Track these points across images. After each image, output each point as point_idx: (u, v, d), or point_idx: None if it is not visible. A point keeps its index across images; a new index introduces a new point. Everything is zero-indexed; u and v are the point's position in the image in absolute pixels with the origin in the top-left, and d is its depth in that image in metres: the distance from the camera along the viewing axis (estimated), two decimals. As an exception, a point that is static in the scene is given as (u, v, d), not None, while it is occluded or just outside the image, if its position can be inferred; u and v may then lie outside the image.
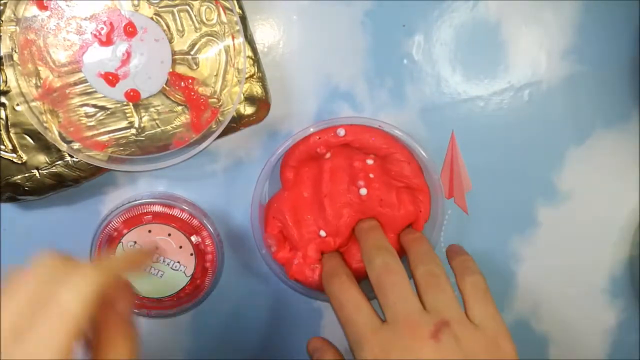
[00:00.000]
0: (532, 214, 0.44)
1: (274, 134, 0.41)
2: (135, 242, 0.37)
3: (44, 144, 0.36)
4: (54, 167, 0.36)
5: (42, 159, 0.36)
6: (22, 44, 0.33)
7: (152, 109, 0.35)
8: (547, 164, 0.43)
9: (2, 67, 0.34)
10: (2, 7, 0.33)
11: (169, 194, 0.41)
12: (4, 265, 0.28)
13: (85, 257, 0.27)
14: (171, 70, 0.35)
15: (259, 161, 0.40)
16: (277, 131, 0.41)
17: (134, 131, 0.36)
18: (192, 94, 0.35)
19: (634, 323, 0.45)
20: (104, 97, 0.35)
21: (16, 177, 0.36)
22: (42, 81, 0.34)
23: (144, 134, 0.36)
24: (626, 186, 0.44)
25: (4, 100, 0.35)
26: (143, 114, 0.35)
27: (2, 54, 0.33)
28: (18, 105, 0.35)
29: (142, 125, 0.36)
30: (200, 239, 0.38)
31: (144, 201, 0.37)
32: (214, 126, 0.36)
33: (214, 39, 0.35)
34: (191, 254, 0.38)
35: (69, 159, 0.36)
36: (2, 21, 0.33)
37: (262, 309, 0.43)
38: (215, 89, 0.36)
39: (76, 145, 0.35)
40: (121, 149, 0.36)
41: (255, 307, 0.43)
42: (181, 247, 0.38)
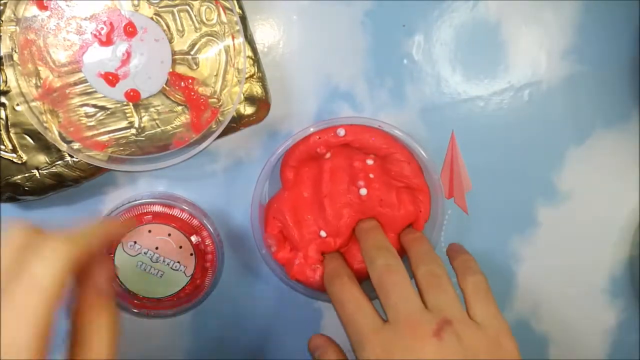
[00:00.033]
0: (532, 214, 0.44)
1: (274, 134, 0.41)
2: (135, 242, 0.37)
3: (44, 144, 0.36)
4: (54, 167, 0.36)
5: (42, 159, 0.36)
6: (22, 44, 0.33)
7: (152, 109, 0.35)
8: (547, 164, 0.43)
9: (2, 67, 0.34)
10: (2, 7, 0.33)
11: (169, 194, 0.41)
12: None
13: (57, 229, 0.27)
14: (171, 70, 0.35)
15: (259, 161, 0.40)
16: (277, 131, 0.41)
17: (134, 131, 0.35)
18: (192, 94, 0.35)
19: (634, 323, 0.45)
20: (104, 97, 0.35)
21: (16, 177, 0.36)
22: (42, 81, 0.34)
23: (144, 134, 0.36)
24: (626, 186, 0.44)
25: (4, 100, 0.35)
26: (143, 114, 0.35)
27: (2, 54, 0.33)
28: (18, 105, 0.35)
29: (142, 125, 0.36)
30: (200, 239, 0.38)
31: (144, 201, 0.37)
32: (214, 126, 0.36)
33: (214, 39, 0.35)
34: (191, 254, 0.38)
35: (69, 159, 0.36)
36: (2, 21, 0.33)
37: (262, 309, 0.43)
38: (215, 89, 0.36)
39: (76, 145, 0.35)
40: (121, 149, 0.36)
41: (255, 307, 0.43)
42: (181, 247, 0.38)
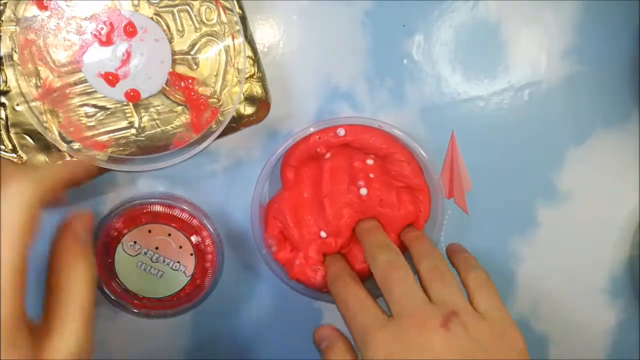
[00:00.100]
0: (532, 214, 0.44)
1: (274, 134, 0.41)
2: (135, 242, 0.37)
3: (44, 144, 0.35)
4: (54, 167, 0.36)
5: (42, 159, 0.36)
6: (22, 44, 0.33)
7: (152, 109, 0.35)
8: (547, 164, 0.43)
9: (2, 67, 0.34)
10: (2, 7, 0.33)
11: (169, 194, 0.41)
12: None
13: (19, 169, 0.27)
14: (171, 70, 0.35)
15: (259, 161, 0.40)
16: (277, 131, 0.41)
17: (134, 131, 0.35)
18: (192, 94, 0.35)
19: (634, 323, 0.45)
20: (104, 97, 0.35)
21: (16, 177, 0.36)
22: (42, 81, 0.34)
23: (144, 134, 0.36)
24: (626, 186, 0.44)
25: (4, 100, 0.35)
26: (143, 114, 0.35)
27: (2, 54, 0.33)
28: (18, 105, 0.35)
29: (142, 125, 0.36)
30: (200, 239, 0.38)
31: (144, 201, 0.37)
32: (214, 126, 0.36)
33: (214, 39, 0.35)
34: (191, 254, 0.38)
35: (69, 159, 0.36)
36: (2, 21, 0.33)
37: (262, 309, 0.43)
38: (215, 89, 0.36)
39: (76, 145, 0.35)
40: (121, 149, 0.36)
41: (256, 307, 0.43)
42: (181, 247, 0.38)
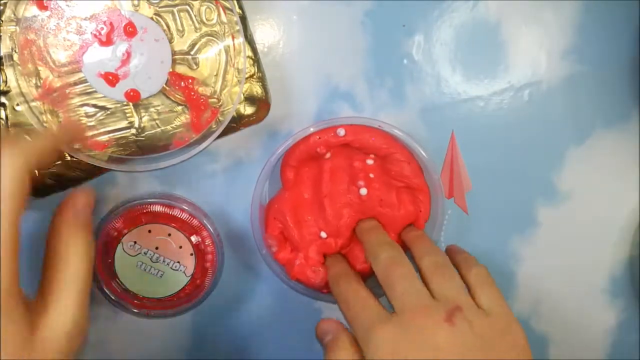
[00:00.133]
0: (532, 214, 0.44)
1: (274, 134, 0.41)
2: (135, 242, 0.37)
3: (44, 144, 0.35)
4: (54, 167, 0.36)
5: (42, 159, 0.36)
6: (22, 44, 0.33)
7: (152, 109, 0.35)
8: (547, 164, 0.43)
9: (2, 67, 0.34)
10: (2, 7, 0.33)
11: (169, 194, 0.41)
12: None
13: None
14: (171, 70, 0.35)
15: (259, 161, 0.40)
16: (277, 131, 0.41)
17: (134, 131, 0.35)
18: (192, 94, 0.35)
19: (634, 323, 0.45)
20: (104, 97, 0.35)
21: (16, 177, 0.36)
22: (42, 81, 0.34)
23: (144, 134, 0.36)
24: (626, 186, 0.44)
25: (4, 100, 0.35)
26: (143, 114, 0.35)
27: (2, 54, 0.33)
28: (18, 105, 0.35)
29: (142, 125, 0.36)
30: (200, 239, 0.38)
31: (144, 201, 0.37)
32: (214, 126, 0.36)
33: (214, 39, 0.35)
34: (191, 254, 0.38)
35: (69, 158, 0.36)
36: (2, 21, 0.33)
37: (262, 309, 0.43)
38: (215, 89, 0.36)
39: (76, 145, 0.35)
40: (121, 149, 0.36)
41: (256, 307, 0.43)
42: (181, 247, 0.38)
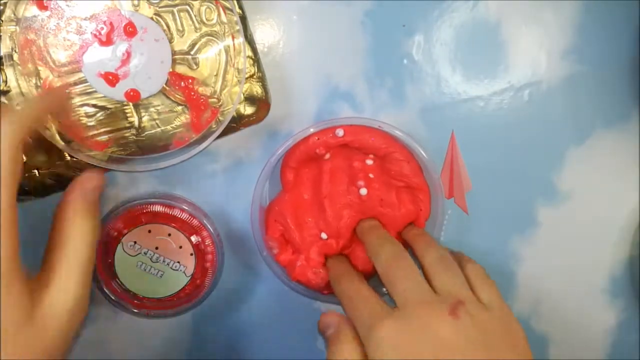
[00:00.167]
0: (532, 214, 0.44)
1: (274, 134, 0.41)
2: (135, 242, 0.37)
3: (44, 144, 0.35)
4: (54, 167, 0.36)
5: (42, 159, 0.36)
6: (22, 44, 0.33)
7: (152, 109, 0.35)
8: (547, 164, 0.43)
9: (2, 67, 0.34)
10: (2, 7, 0.33)
11: (169, 194, 0.41)
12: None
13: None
14: (171, 70, 0.35)
15: (259, 161, 0.40)
16: (277, 131, 0.41)
17: (134, 131, 0.35)
18: (192, 93, 0.35)
19: (634, 323, 0.45)
20: (104, 97, 0.35)
21: (16, 177, 0.36)
22: (42, 81, 0.34)
23: (144, 134, 0.36)
24: (626, 186, 0.44)
25: (4, 100, 0.35)
26: (143, 114, 0.35)
27: (2, 54, 0.33)
28: (18, 105, 0.35)
29: (142, 125, 0.36)
30: (200, 239, 0.38)
31: (144, 201, 0.37)
32: (214, 126, 0.36)
33: (214, 39, 0.35)
34: (191, 254, 0.38)
35: (69, 158, 0.36)
36: (2, 21, 0.33)
37: (262, 309, 0.43)
38: (215, 89, 0.36)
39: (76, 145, 0.35)
40: (121, 149, 0.36)
41: (255, 307, 0.43)
42: (181, 247, 0.38)
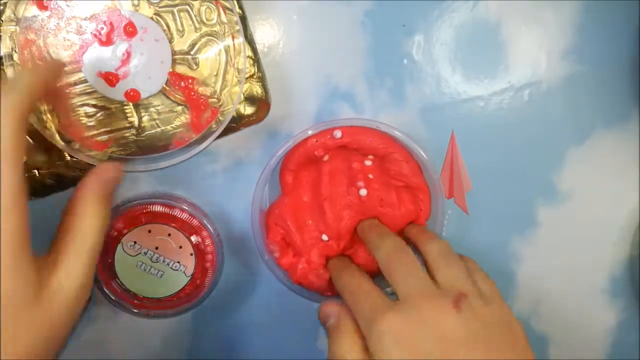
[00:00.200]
0: (532, 214, 0.43)
1: (274, 134, 0.41)
2: (135, 242, 0.37)
3: (44, 144, 0.36)
4: (54, 167, 0.36)
5: (42, 159, 0.36)
6: (22, 44, 0.33)
7: (152, 109, 0.35)
8: (547, 164, 0.43)
9: (2, 67, 0.34)
10: (2, 7, 0.33)
11: (169, 194, 0.41)
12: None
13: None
14: (171, 70, 0.35)
15: (259, 161, 0.40)
16: (277, 131, 0.41)
17: (134, 131, 0.36)
18: (192, 93, 0.35)
19: (634, 323, 0.45)
20: (104, 97, 0.35)
21: (16, 177, 0.36)
22: (42, 81, 0.34)
23: (144, 134, 0.36)
24: (626, 186, 0.44)
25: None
26: (143, 114, 0.35)
27: (2, 54, 0.33)
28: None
29: (142, 125, 0.36)
30: (200, 239, 0.38)
31: (144, 201, 0.37)
32: (214, 126, 0.36)
33: (214, 39, 0.35)
34: (191, 254, 0.38)
35: (69, 158, 0.36)
36: (2, 21, 0.33)
37: (262, 309, 0.43)
38: (215, 89, 0.36)
39: (76, 145, 0.35)
40: (121, 149, 0.36)
41: (255, 307, 0.43)
42: (181, 247, 0.38)
